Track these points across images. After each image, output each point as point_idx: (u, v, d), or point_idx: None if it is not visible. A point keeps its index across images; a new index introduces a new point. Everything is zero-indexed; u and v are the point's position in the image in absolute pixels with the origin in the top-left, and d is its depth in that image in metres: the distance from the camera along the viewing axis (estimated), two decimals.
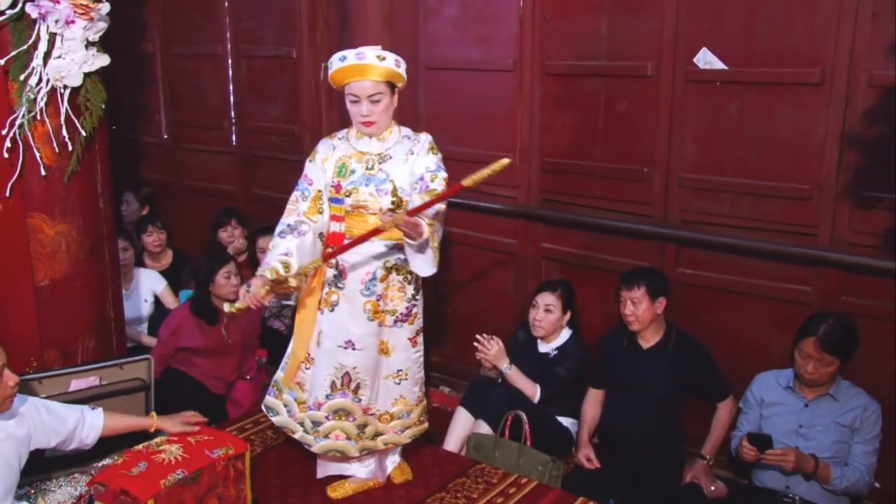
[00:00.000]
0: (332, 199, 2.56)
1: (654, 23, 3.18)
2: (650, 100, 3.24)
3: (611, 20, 3.29)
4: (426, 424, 2.84)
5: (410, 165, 2.54)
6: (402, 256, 2.55)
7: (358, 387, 2.62)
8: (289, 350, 2.75)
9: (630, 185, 3.37)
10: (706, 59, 3.08)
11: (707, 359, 3.10)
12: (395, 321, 2.62)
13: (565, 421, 3.30)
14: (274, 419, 2.78)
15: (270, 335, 3.89)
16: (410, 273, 2.60)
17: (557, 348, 3.31)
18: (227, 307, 2.50)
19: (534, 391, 3.23)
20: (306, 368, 2.69)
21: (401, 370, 2.68)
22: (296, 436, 2.73)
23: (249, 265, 4.21)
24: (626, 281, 3.10)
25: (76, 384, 2.84)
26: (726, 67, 3.05)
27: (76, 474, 2.78)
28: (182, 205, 5.16)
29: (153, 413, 2.60)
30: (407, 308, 2.63)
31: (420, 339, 2.71)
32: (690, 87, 3.14)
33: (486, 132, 3.73)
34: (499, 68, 3.64)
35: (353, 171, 2.55)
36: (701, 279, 3.25)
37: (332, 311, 2.60)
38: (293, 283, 2.46)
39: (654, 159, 3.27)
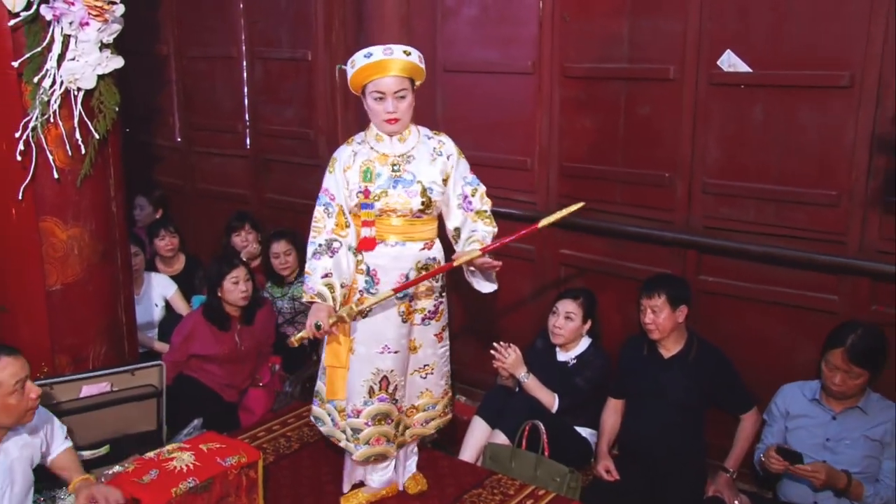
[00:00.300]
0: (361, 205, 2.52)
1: (676, 24, 3.11)
2: (672, 103, 3.17)
3: (632, 22, 3.23)
4: (450, 415, 2.85)
5: (440, 167, 2.56)
6: (431, 256, 2.57)
7: (395, 389, 2.61)
8: (323, 361, 2.71)
9: (651, 191, 3.30)
10: (730, 62, 3.01)
11: (729, 369, 3.03)
12: (423, 319, 2.62)
13: (584, 431, 3.24)
14: (322, 429, 2.77)
15: (284, 342, 3.85)
16: None
17: (576, 357, 3.24)
18: (293, 339, 2.49)
19: (552, 401, 3.17)
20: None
21: (427, 365, 2.68)
22: (340, 444, 2.71)
23: (263, 270, 4.18)
24: (646, 288, 3.04)
25: (87, 390, 2.84)
26: (751, 70, 2.97)
27: None
28: (195, 209, 5.14)
29: (88, 476, 2.47)
30: (434, 306, 2.63)
31: (446, 334, 2.72)
32: (714, 90, 3.07)
33: (504, 136, 3.68)
34: (517, 71, 3.58)
35: (379, 175, 2.52)
36: (724, 287, 3.18)
37: (364, 316, 2.57)
38: (356, 309, 2.49)
39: (677, 164, 3.21)
